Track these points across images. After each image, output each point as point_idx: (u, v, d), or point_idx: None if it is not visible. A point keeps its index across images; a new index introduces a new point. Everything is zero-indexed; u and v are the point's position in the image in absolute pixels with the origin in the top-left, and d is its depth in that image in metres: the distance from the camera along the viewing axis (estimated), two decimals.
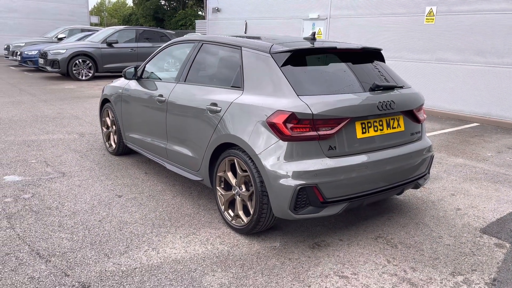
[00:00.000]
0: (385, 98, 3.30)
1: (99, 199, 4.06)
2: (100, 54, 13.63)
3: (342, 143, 3.11)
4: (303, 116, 2.96)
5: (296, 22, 13.53)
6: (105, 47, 13.72)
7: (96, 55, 13.59)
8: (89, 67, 13.59)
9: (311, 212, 3.05)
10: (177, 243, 3.25)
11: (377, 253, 3.20)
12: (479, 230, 3.65)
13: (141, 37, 14.66)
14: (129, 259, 3.00)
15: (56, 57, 13.34)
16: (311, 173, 2.96)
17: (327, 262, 3.05)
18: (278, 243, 3.31)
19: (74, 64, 13.41)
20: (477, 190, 4.67)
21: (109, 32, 14.21)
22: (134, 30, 14.72)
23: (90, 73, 13.63)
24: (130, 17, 68.35)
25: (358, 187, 3.18)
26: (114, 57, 13.89)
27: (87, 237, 3.30)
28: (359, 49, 3.66)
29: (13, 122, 7.36)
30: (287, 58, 3.25)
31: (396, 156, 3.38)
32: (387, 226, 3.67)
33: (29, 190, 4.22)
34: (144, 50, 14.39)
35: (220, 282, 2.76)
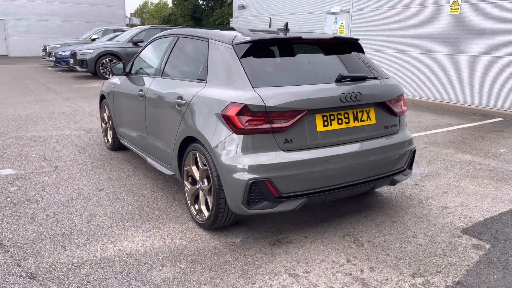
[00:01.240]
0: (350, 90, 3.14)
1: (79, 192, 4.13)
2: (126, 53, 13.97)
3: (300, 136, 2.99)
4: (256, 108, 2.87)
5: (319, 16, 13.29)
6: (130, 46, 14.04)
7: (122, 54, 13.94)
8: None
9: (266, 207, 2.95)
10: (137, 237, 3.25)
11: (339, 252, 3.06)
12: (460, 230, 3.41)
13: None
14: (84, 251, 3.02)
15: (84, 57, 13.82)
16: (264, 167, 2.87)
17: (282, 260, 2.94)
18: (239, 239, 3.23)
19: (101, 64, 13.83)
20: (474, 188, 4.38)
21: (135, 31, 14.54)
22: (159, 29, 14.94)
23: None
24: (169, 17, 69.83)
25: (318, 182, 3.04)
26: None
27: (52, 229, 3.36)
28: (330, 39, 3.51)
29: (30, 119, 7.66)
30: (247, 49, 3.16)
31: (364, 150, 3.21)
32: (360, 224, 3.51)
33: (17, 183, 4.37)
34: None
35: (164, 276, 2.72)
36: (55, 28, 27.63)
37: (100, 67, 13.81)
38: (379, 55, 11.44)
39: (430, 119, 8.15)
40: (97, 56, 13.74)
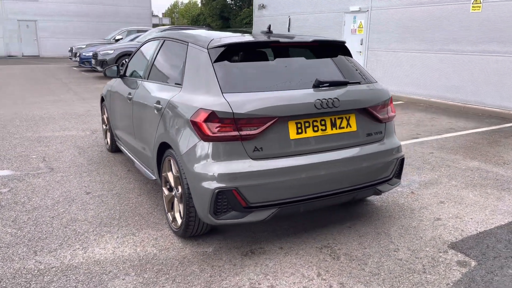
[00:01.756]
0: (327, 96, 2.99)
1: (66, 195, 4.15)
2: None
3: (271, 144, 2.87)
4: (223, 115, 2.77)
5: (338, 16, 13.04)
6: None
7: None
8: None
9: (234, 217, 2.85)
10: (110, 243, 3.22)
11: (312, 265, 2.92)
12: (448, 244, 3.21)
13: None
14: (54, 257, 3.01)
15: (105, 57, 14.07)
16: (231, 175, 2.77)
17: (249, 272, 2.84)
18: (212, 248, 3.15)
19: (121, 64, 14.02)
20: (474, 198, 4.13)
21: (155, 32, 14.67)
22: (178, 29, 15.03)
23: None
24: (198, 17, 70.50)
25: (290, 192, 2.92)
26: None
27: (30, 233, 3.37)
28: (310, 42, 3.36)
29: (42, 119, 7.82)
30: (220, 53, 3.07)
31: (342, 159, 3.06)
32: (342, 235, 3.36)
33: (10, 184, 4.43)
34: None
35: (125, 286, 2.67)
36: (84, 29, 28.33)
37: (120, 67, 14.00)
38: (400, 54, 11.11)
39: (445, 122, 7.82)
40: (117, 57, 13.95)
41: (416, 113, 8.83)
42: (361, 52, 12.32)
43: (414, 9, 10.60)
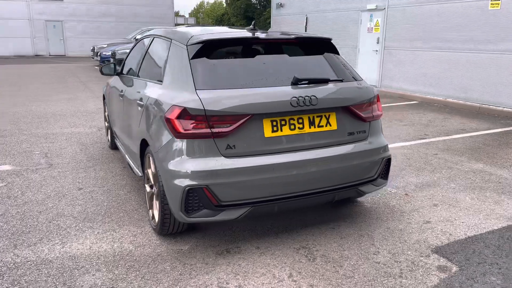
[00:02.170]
0: (304, 93, 2.92)
1: (58, 191, 4.21)
2: None
3: (245, 142, 2.83)
4: (195, 112, 2.75)
5: (354, 14, 12.83)
6: None
7: None
8: None
9: (206, 215, 2.82)
10: (89, 239, 3.24)
11: (285, 266, 2.86)
12: (432, 249, 3.09)
13: None
14: (31, 251, 3.05)
15: (123, 56, 14.28)
16: (202, 173, 2.74)
17: (220, 271, 2.80)
18: (188, 246, 3.13)
19: None
20: (471, 201, 3.97)
21: None
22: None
23: None
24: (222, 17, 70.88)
25: (264, 191, 2.87)
26: None
27: (15, 226, 3.43)
28: (292, 39, 3.30)
29: (54, 116, 8.00)
30: (198, 49, 3.04)
31: (320, 158, 2.98)
32: (323, 236, 3.28)
33: (8, 179, 4.53)
34: None
35: (94, 282, 2.67)
36: (108, 29, 28.89)
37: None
38: (416, 53, 10.84)
39: (457, 123, 7.57)
40: None
41: (429, 113, 8.59)
42: (377, 51, 12.09)
43: (431, 7, 10.33)
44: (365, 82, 3.35)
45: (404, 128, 7.07)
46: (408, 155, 5.44)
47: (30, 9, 26.66)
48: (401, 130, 6.91)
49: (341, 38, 13.44)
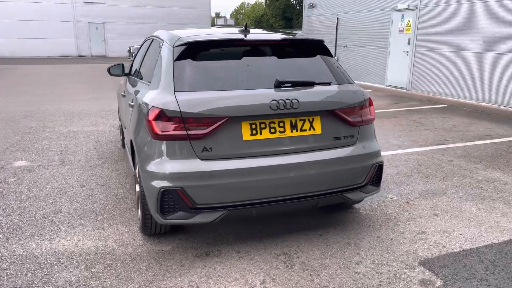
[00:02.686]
0: (285, 96, 2.86)
1: (62, 187, 4.34)
2: None
3: (222, 144, 2.80)
4: (171, 113, 2.75)
5: (385, 14, 12.50)
6: None
7: None
8: None
9: (181, 217, 2.81)
10: (77, 236, 3.31)
11: (260, 272, 2.81)
12: (420, 261, 2.94)
13: None
14: (20, 246, 3.15)
15: None
16: (176, 175, 2.74)
17: (194, 274, 2.79)
18: (169, 247, 3.14)
19: None
20: (476, 212, 3.75)
21: None
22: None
23: None
24: (261, 17, 71.07)
25: (242, 195, 2.83)
26: None
27: (13, 221, 3.56)
28: (279, 40, 3.24)
29: (79, 114, 8.28)
30: (182, 51, 3.04)
31: (302, 162, 2.91)
32: (308, 243, 3.20)
33: (19, 174, 4.73)
34: None
35: (69, 279, 2.73)
36: (147, 30, 29.64)
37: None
38: (449, 55, 10.42)
39: (483, 129, 7.20)
40: None
41: (455, 117, 8.22)
42: (408, 52, 11.71)
43: (466, 6, 9.88)
44: (356, 86, 3.24)
45: (424, 132, 6.80)
46: (420, 161, 5.22)
47: (75, 11, 27.79)
48: (420, 134, 6.65)
49: (371, 39, 13.13)
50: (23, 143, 6.06)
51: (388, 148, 5.83)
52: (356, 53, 13.99)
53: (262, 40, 3.23)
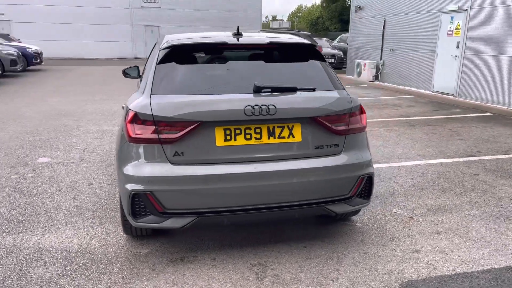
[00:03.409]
0: (261, 102, 2.76)
1: (71, 185, 4.50)
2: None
3: (194, 149, 2.76)
4: (144, 117, 2.75)
5: (434, 16, 11.90)
6: None
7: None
8: None
9: (152, 221, 2.80)
10: (67, 233, 3.41)
11: (229, 281, 2.74)
12: (402, 282, 2.73)
13: None
14: (12, 240, 3.29)
15: None
16: (146, 179, 2.73)
17: (161, 279, 2.76)
18: (148, 250, 3.14)
19: None
20: (484, 233, 3.44)
21: None
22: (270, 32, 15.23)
23: None
24: (317, 20, 70.39)
25: (213, 202, 2.77)
26: None
27: (15, 215, 3.74)
28: (265, 44, 3.14)
29: (114, 114, 8.60)
30: (165, 54, 3.04)
31: (279, 171, 2.80)
32: (288, 254, 3.07)
33: (38, 170, 4.97)
34: None
35: (42, 275, 2.80)
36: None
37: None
38: (502, 59, 9.71)
39: None
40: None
41: (498, 127, 7.62)
42: (456, 56, 11.06)
43: None
44: (345, 92, 3.07)
45: (457, 142, 6.36)
46: (441, 174, 4.88)
47: (132, 15, 29.03)
48: (452, 144, 6.23)
49: (418, 42, 12.55)
50: (53, 140, 6.37)
51: (411, 158, 5.51)
52: (402, 57, 13.44)
53: (245, 44, 3.15)
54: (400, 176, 4.80)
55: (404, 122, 7.80)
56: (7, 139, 6.41)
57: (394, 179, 4.68)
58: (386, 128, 7.27)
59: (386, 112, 8.90)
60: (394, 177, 4.76)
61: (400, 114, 8.63)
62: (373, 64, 14.51)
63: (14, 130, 6.98)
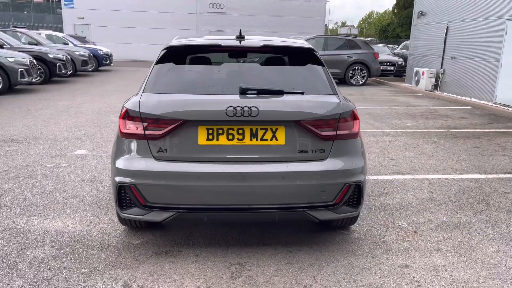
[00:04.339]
0: (243, 103, 2.80)
1: (95, 176, 4.80)
2: None
3: (176, 147, 2.85)
4: (133, 113, 2.89)
5: (499, 23, 11.13)
6: None
7: None
8: None
9: (137, 213, 2.93)
10: (74, 219, 3.65)
11: (202, 278, 2.79)
12: None
13: (329, 45, 14.92)
14: (26, 221, 3.59)
15: None
16: (130, 172, 2.86)
17: (139, 270, 2.88)
18: (139, 241, 3.29)
19: None
20: (491, 255, 3.19)
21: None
22: (323, 38, 15.11)
23: None
24: (387, 26, 68.32)
25: (192, 199, 2.84)
26: None
27: (37, 200, 4.05)
28: (259, 47, 3.16)
29: None
30: (162, 55, 3.18)
31: (259, 172, 2.82)
32: (271, 257, 3.07)
33: (72, 161, 5.35)
34: (329, 58, 14.61)
35: (37, 256, 3.03)
36: None
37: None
38: None
39: None
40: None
41: None
42: None
43: None
44: (335, 97, 3.00)
45: (499, 158, 5.91)
46: (467, 190, 4.58)
47: (199, 20, 30.09)
48: (492, 160, 5.80)
49: (481, 50, 11.80)
50: (96, 135, 6.82)
51: (440, 171, 5.22)
52: (463, 65, 12.69)
53: (239, 46, 3.19)
54: (420, 189, 4.57)
55: (447, 134, 7.38)
56: (58, 132, 6.96)
57: (412, 192, 4.47)
58: (425, 139, 6.93)
59: (432, 122, 8.47)
60: (413, 189, 4.55)
61: (447, 126, 8.18)
62: (433, 73, 13.84)
63: (66, 124, 7.55)
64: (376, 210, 3.95)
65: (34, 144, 6.09)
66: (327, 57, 14.63)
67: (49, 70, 13.28)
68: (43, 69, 13.01)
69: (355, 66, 15.01)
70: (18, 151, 5.70)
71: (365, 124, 8.13)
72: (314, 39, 15.19)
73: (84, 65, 16.60)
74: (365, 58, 15.01)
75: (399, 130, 7.66)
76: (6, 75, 10.71)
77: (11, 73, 10.75)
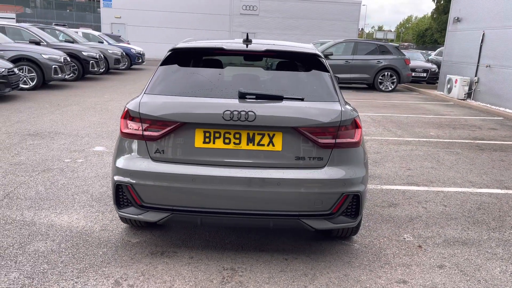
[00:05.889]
0: (240, 108, 2.78)
1: (106, 173, 4.90)
2: None
3: (173, 148, 2.87)
4: (134, 114, 2.93)
5: None
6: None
7: None
8: None
9: (133, 213, 2.96)
10: (79, 214, 3.73)
11: (192, 280, 2.79)
12: None
13: (358, 49, 14.70)
14: (34, 214, 3.70)
15: None
16: (127, 171, 2.90)
17: (132, 269, 2.91)
18: (137, 240, 3.32)
19: None
20: (497, 275, 3.04)
21: (328, 44, 14.91)
22: (352, 42, 14.90)
23: None
24: (425, 32, 66.71)
25: (186, 201, 2.84)
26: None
27: (49, 193, 4.18)
28: (262, 52, 3.14)
29: None
30: (167, 57, 3.20)
31: (254, 178, 2.79)
32: (265, 264, 3.03)
33: (89, 157, 5.49)
34: (358, 63, 14.39)
35: (38, 249, 3.12)
36: (294, 41, 30.57)
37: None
38: None
39: None
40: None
41: None
42: None
43: None
44: (337, 105, 2.94)
45: None
46: (483, 205, 4.38)
47: (231, 22, 30.30)
48: None
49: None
50: (116, 132, 6.96)
51: (457, 184, 5.03)
52: (499, 74, 12.21)
53: (241, 50, 3.17)
54: (433, 201, 4.41)
55: (472, 145, 7.11)
56: (81, 127, 7.16)
57: (424, 204, 4.33)
58: (447, 150, 6.70)
59: (458, 132, 8.18)
60: (426, 202, 4.40)
61: (474, 137, 7.87)
62: (466, 81, 13.37)
63: (90, 121, 7.75)
64: (383, 222, 3.85)
65: (57, 139, 6.28)
66: (356, 62, 14.42)
67: (82, 67, 13.69)
68: (77, 66, 13.43)
69: (384, 71, 14.71)
70: (40, 145, 5.90)
71: (387, 131, 7.95)
72: (344, 43, 15.00)
73: (117, 63, 17.01)
74: (395, 63, 14.69)
75: (422, 139, 7.44)
76: (40, 71, 11.12)
77: (45, 69, 11.15)
